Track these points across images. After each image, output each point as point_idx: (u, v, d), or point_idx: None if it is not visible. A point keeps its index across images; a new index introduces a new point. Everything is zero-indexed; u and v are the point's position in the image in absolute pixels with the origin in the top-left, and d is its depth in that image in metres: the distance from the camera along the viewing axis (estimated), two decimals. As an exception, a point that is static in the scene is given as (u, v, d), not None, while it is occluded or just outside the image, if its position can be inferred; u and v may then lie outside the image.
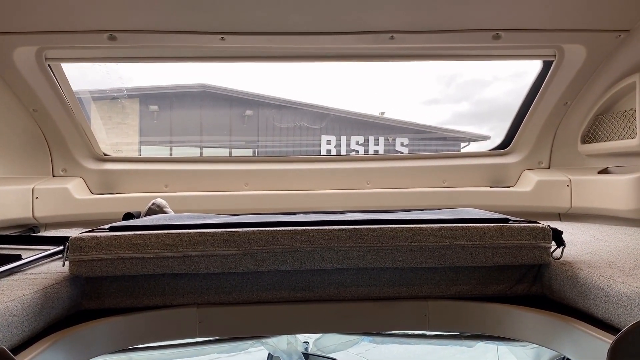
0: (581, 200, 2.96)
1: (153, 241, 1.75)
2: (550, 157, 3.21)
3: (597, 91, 2.82)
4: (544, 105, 3.01)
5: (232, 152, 13.09)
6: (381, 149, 13.93)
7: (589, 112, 2.89)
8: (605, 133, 2.81)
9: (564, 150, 3.14)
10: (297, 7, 2.30)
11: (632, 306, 1.42)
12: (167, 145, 12.07)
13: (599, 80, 2.79)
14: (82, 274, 1.72)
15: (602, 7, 2.43)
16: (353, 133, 14.13)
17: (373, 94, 15.32)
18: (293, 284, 1.87)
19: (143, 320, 1.82)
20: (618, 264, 1.76)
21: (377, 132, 14.14)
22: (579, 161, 3.08)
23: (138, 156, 3.22)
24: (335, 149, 13.73)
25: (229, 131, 12.82)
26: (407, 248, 1.79)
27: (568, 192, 3.02)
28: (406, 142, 14.28)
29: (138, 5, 2.29)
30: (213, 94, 11.75)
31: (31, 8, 2.29)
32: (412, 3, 2.31)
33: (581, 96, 2.91)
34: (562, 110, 3.02)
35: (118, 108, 8.73)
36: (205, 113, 12.00)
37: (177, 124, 11.67)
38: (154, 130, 11.32)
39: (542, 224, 1.86)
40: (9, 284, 1.63)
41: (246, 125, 13.28)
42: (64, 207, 2.96)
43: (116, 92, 4.94)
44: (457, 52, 2.71)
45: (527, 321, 1.81)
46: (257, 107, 13.04)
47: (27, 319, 1.46)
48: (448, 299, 1.89)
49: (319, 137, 13.70)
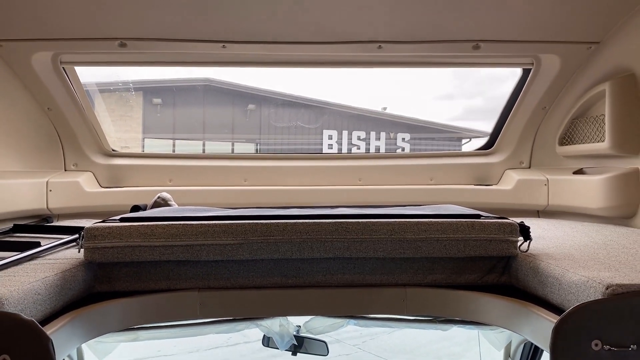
0: (557, 199, 3.17)
1: (159, 231, 1.94)
2: (530, 157, 3.41)
3: (572, 97, 3.02)
4: (524, 109, 3.21)
5: (235, 145, 13.24)
6: (382, 144, 14.05)
7: (566, 116, 3.09)
8: (580, 136, 3.01)
9: (543, 151, 3.34)
10: (293, 19, 2.51)
11: (579, 292, 1.62)
12: (170, 138, 12.24)
13: (574, 87, 3.00)
14: (96, 259, 1.91)
15: (574, 20, 2.63)
16: (355, 128, 14.26)
17: (377, 90, 15.40)
18: (285, 271, 2.05)
19: (149, 302, 2.01)
20: (576, 256, 1.96)
21: (379, 128, 14.26)
22: (557, 162, 3.28)
23: (144, 152, 3.43)
24: (336, 144, 13.87)
25: (231, 124, 12.97)
26: (387, 240, 1.98)
27: (545, 190, 3.22)
28: (407, 137, 14.39)
29: (147, 16, 2.50)
30: (217, 88, 11.91)
31: (48, 17, 2.50)
32: (398, 16, 2.51)
33: (558, 101, 3.12)
34: (541, 114, 3.22)
35: (123, 101, 8.89)
36: (209, 107, 12.12)
37: (180, 117, 11.81)
38: (158, 123, 11.46)
39: (510, 220, 2.06)
40: (31, 267, 1.83)
41: (249, 119, 13.43)
42: (75, 199, 3.17)
43: (122, 85, 5.14)
44: (440, 60, 2.92)
45: (494, 307, 2.01)
46: (260, 102, 13.18)
47: (49, 297, 1.67)
48: (424, 286, 2.08)
49: (320, 132, 13.84)
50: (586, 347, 1.48)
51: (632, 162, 2.69)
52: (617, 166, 2.76)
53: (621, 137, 2.68)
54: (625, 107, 2.66)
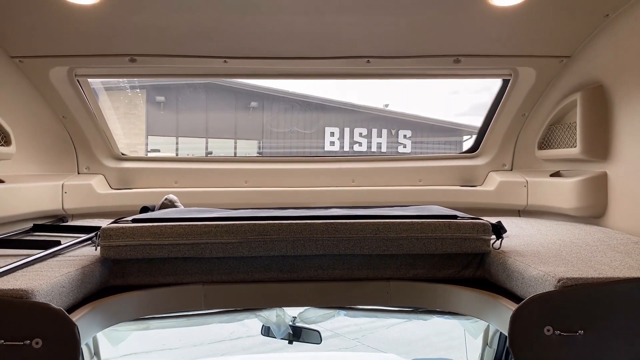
0: (535, 199, 3.40)
1: (168, 231, 2.16)
2: (512, 160, 3.64)
3: (549, 105, 3.25)
4: (506, 116, 3.44)
5: (237, 143, 13.37)
6: (384, 141, 14.13)
7: (543, 122, 3.32)
8: (556, 141, 3.24)
9: (524, 155, 3.57)
10: (288, 37, 2.75)
11: (537, 285, 1.85)
12: (174, 136, 12.39)
13: (550, 96, 3.23)
14: (111, 256, 2.14)
15: (547, 37, 2.87)
16: (356, 125, 14.35)
17: (378, 87, 15.40)
18: (280, 267, 2.27)
19: (159, 295, 2.23)
20: (541, 253, 2.18)
21: (381, 125, 14.33)
22: (537, 164, 3.51)
23: (151, 156, 3.67)
24: (338, 141, 13.97)
25: (234, 122, 13.11)
26: (372, 239, 2.20)
27: (525, 191, 3.45)
28: (409, 134, 14.48)
29: (155, 34, 2.74)
30: (219, 86, 12.06)
31: (65, 36, 2.74)
32: (384, 33, 2.75)
33: (536, 109, 3.35)
34: (521, 120, 3.45)
35: (126, 98, 9.02)
36: (211, 104, 12.24)
37: (183, 114, 11.95)
38: (161, 121, 11.59)
39: (484, 220, 2.29)
40: (55, 263, 2.05)
41: (251, 116, 13.56)
42: (88, 200, 3.40)
43: (127, 83, 5.32)
44: (423, 72, 3.17)
45: (469, 299, 2.24)
46: (262, 99, 13.31)
47: (71, 290, 1.89)
48: (407, 280, 2.31)
49: (322, 129, 13.96)
50: (539, 332, 1.70)
51: (600, 166, 2.91)
52: (588, 170, 2.99)
53: (590, 143, 2.90)
54: (594, 116, 2.88)
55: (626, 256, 2.11)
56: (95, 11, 2.51)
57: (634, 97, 2.64)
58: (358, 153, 13.76)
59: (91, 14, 2.54)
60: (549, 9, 2.60)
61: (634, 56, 2.63)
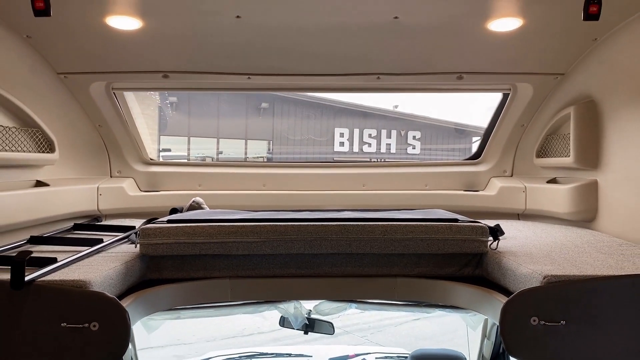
0: (533, 204, 3.66)
1: (199, 231, 2.43)
2: (512, 167, 3.90)
3: (546, 118, 3.51)
4: (506, 126, 3.70)
5: (248, 143, 13.52)
6: (393, 142, 14.18)
7: (541, 133, 3.58)
8: (553, 150, 3.49)
9: (524, 162, 3.83)
10: (306, 56, 3.05)
11: (526, 281, 2.10)
12: (185, 136, 12.57)
13: (546, 109, 3.49)
14: (149, 253, 2.40)
15: (542, 56, 3.13)
16: (366, 126, 14.41)
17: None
18: (298, 264, 2.53)
19: (190, 288, 2.50)
20: (533, 253, 2.43)
21: (390, 126, 14.38)
22: (535, 171, 3.76)
23: (177, 161, 3.96)
24: (347, 142, 14.06)
25: (245, 122, 13.26)
26: (381, 239, 2.45)
27: (524, 196, 3.71)
28: (418, 135, 14.51)
29: (185, 54, 3.06)
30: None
31: (106, 55, 3.05)
32: (393, 53, 3.04)
33: (534, 120, 3.61)
34: (521, 130, 3.71)
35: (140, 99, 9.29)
36: (222, 105, 12.39)
37: (195, 115, 12.11)
38: (172, 121, 11.74)
39: (482, 224, 2.53)
40: (101, 258, 2.32)
41: (262, 117, 13.73)
42: (120, 202, 3.70)
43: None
44: (429, 87, 3.45)
45: (468, 294, 2.49)
46: (273, 100, 13.47)
47: (117, 282, 2.16)
48: (412, 277, 2.55)
49: (332, 130, 14.06)
50: (526, 322, 1.94)
51: (591, 174, 3.17)
52: (580, 177, 3.24)
53: (582, 153, 3.15)
54: (586, 128, 3.13)
55: (608, 257, 2.36)
56: (134, 34, 2.81)
57: (622, 111, 2.89)
58: (367, 154, 13.85)
59: (130, 36, 2.84)
60: (542, 33, 2.87)
61: (621, 74, 2.88)
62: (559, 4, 2.36)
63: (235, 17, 2.61)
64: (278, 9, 2.60)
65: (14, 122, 2.86)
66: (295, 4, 2.55)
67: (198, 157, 12.66)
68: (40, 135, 3.02)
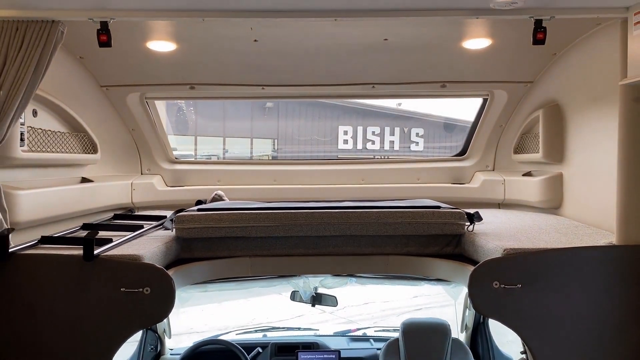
0: (511, 194, 4.16)
1: (225, 217, 2.94)
2: (494, 162, 4.40)
3: (520, 119, 4.03)
4: (487, 126, 4.21)
5: (254, 142, 13.76)
6: (397, 139, 14.34)
7: (517, 132, 4.08)
8: (527, 147, 3.99)
9: (503, 158, 4.33)
10: (312, 70, 3.64)
11: (491, 254, 2.58)
12: (192, 135, 12.84)
13: (520, 112, 4.02)
14: (183, 236, 2.91)
15: (513, 67, 3.65)
16: (369, 124, 14.59)
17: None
18: (306, 245, 3.04)
19: (217, 265, 3.00)
20: (502, 234, 2.90)
21: (393, 123, 14.55)
22: (513, 166, 4.27)
23: (198, 159, 4.49)
24: (351, 139, 14.25)
25: (250, 121, 13.51)
26: (375, 223, 2.96)
27: (502, 188, 4.22)
28: (422, 132, 14.69)
29: (211, 69, 3.61)
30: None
31: (141, 70, 3.59)
32: (385, 67, 3.58)
33: (511, 122, 4.13)
34: (500, 130, 4.23)
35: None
36: (228, 104, 12.60)
37: (201, 114, 12.37)
38: (179, 120, 11.99)
39: (460, 210, 3.02)
40: (146, 240, 2.82)
41: (267, 116, 13.98)
42: (150, 195, 4.22)
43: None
44: (417, 93, 4.00)
45: (448, 268, 3.00)
46: (278, 100, 13.69)
47: (161, 257, 2.65)
48: (401, 255, 3.06)
49: (336, 128, 14.28)
50: (489, 285, 2.43)
51: (557, 168, 3.66)
52: (548, 170, 3.74)
53: (549, 149, 3.63)
54: (552, 128, 3.62)
55: (562, 236, 2.85)
56: (168, 54, 3.35)
57: (581, 114, 3.38)
58: (371, 152, 14.08)
59: (164, 55, 3.38)
60: (510, 50, 3.38)
61: (580, 81, 3.37)
62: (519, 28, 2.86)
63: (253, 41, 3.14)
64: (288, 34, 3.13)
65: (66, 127, 3.40)
66: (301, 30, 3.08)
67: (204, 156, 12.99)
68: (86, 139, 3.56)
